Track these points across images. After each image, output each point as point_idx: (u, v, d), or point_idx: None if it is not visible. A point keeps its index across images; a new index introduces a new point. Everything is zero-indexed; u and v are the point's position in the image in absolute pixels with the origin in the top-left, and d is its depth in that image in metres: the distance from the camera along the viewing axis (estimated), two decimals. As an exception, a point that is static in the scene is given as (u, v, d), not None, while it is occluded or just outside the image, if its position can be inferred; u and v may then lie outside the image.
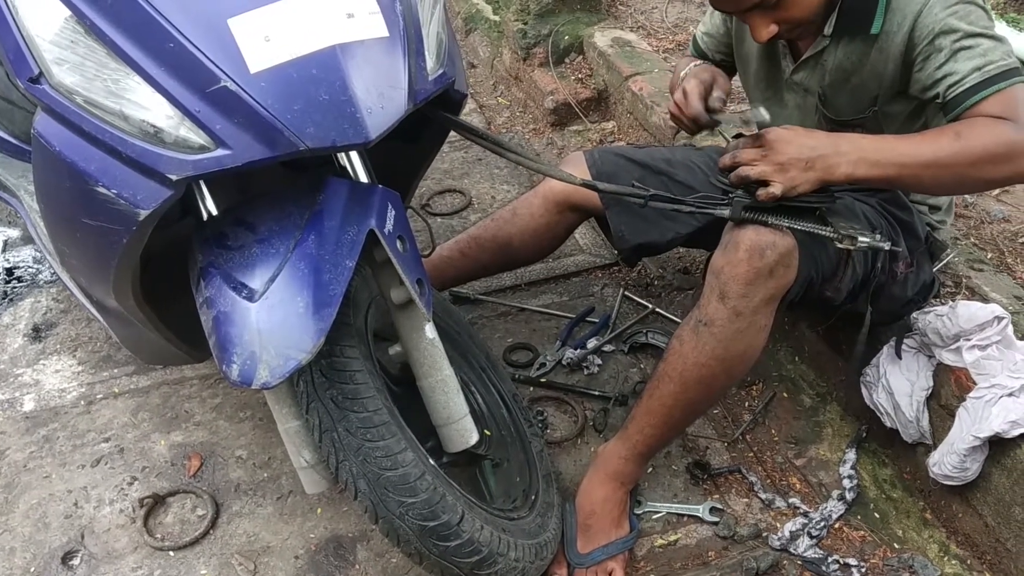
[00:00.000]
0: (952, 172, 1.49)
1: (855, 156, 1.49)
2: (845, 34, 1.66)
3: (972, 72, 1.49)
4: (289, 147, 1.24)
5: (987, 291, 1.94)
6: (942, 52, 1.52)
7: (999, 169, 1.48)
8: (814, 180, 1.50)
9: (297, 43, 1.26)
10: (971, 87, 1.49)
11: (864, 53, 1.65)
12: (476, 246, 2.24)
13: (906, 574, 1.74)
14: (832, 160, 1.49)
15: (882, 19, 1.59)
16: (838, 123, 1.76)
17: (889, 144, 1.52)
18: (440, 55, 1.51)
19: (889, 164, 1.49)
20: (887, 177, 1.51)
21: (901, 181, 1.55)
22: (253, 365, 1.26)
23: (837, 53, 1.69)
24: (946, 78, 1.52)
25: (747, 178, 1.52)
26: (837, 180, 1.51)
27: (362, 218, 1.36)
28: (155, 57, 1.24)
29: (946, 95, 1.53)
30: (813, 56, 1.73)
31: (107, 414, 2.16)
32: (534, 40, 3.67)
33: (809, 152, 1.49)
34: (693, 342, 1.65)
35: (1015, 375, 1.65)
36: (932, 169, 1.49)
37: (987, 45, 1.50)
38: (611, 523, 1.78)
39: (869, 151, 1.50)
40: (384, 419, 1.40)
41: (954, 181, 1.54)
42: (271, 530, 1.87)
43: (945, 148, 1.47)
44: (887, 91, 1.67)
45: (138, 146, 1.25)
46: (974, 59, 1.50)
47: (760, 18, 1.59)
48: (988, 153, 1.46)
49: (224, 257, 1.37)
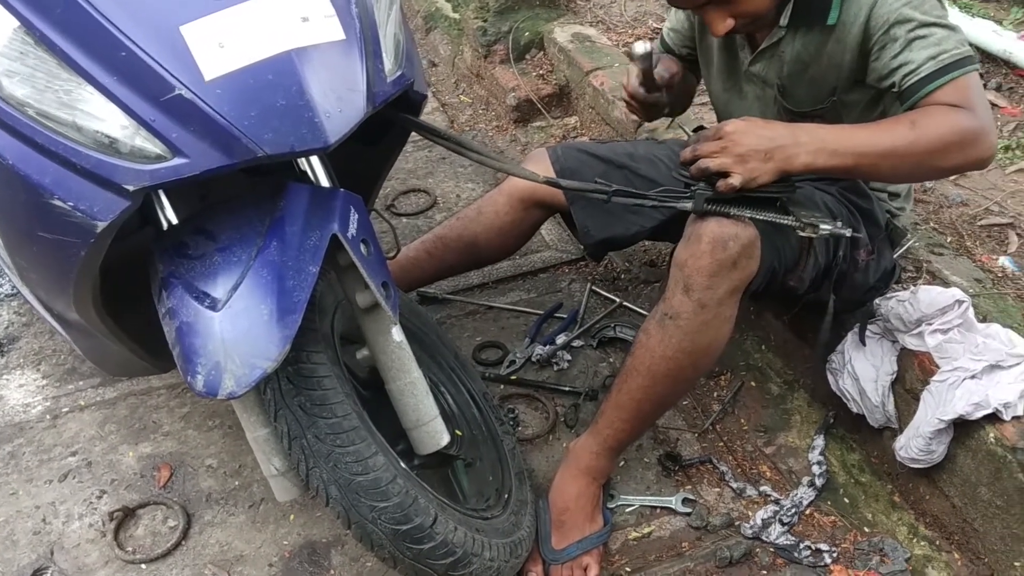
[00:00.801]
0: (909, 160, 1.51)
1: (814, 146, 1.51)
2: (801, 25, 1.67)
3: (927, 61, 1.51)
4: (247, 154, 1.23)
5: (947, 275, 1.97)
6: (897, 42, 1.54)
7: (954, 157, 1.50)
8: (773, 170, 1.51)
9: (252, 49, 1.25)
10: (926, 76, 1.52)
11: (821, 44, 1.67)
12: (442, 246, 2.24)
13: (876, 557, 1.76)
14: (791, 150, 1.51)
15: (838, 10, 1.61)
16: (798, 114, 1.77)
17: (847, 134, 1.54)
18: (398, 56, 1.51)
19: (847, 153, 1.51)
20: (845, 166, 1.53)
21: (859, 170, 1.57)
22: (218, 375, 1.25)
23: (795, 44, 1.70)
24: (901, 67, 1.54)
25: (707, 170, 1.53)
26: (796, 170, 1.52)
27: (324, 223, 1.36)
28: (107, 67, 1.22)
29: (902, 84, 1.55)
30: (770, 47, 1.74)
31: (73, 427, 2.13)
32: (494, 37, 3.67)
33: (768, 143, 1.51)
34: (660, 335, 1.66)
35: (977, 357, 1.68)
36: (889, 158, 1.51)
37: (941, 34, 1.52)
38: (585, 518, 1.79)
39: (828, 141, 1.51)
40: (353, 424, 1.40)
41: (911, 169, 1.56)
42: (244, 538, 1.85)
43: (902, 137, 1.49)
44: (845, 81, 1.69)
45: (93, 157, 1.23)
46: (928, 48, 1.52)
47: (716, 12, 1.60)
48: (943, 141, 1.48)
49: (185, 266, 1.35)
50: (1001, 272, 2.02)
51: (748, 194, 1.56)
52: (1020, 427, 1.62)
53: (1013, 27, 3.03)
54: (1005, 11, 3.23)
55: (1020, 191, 2.37)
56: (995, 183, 2.41)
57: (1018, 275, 2.02)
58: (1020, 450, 1.59)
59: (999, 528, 1.67)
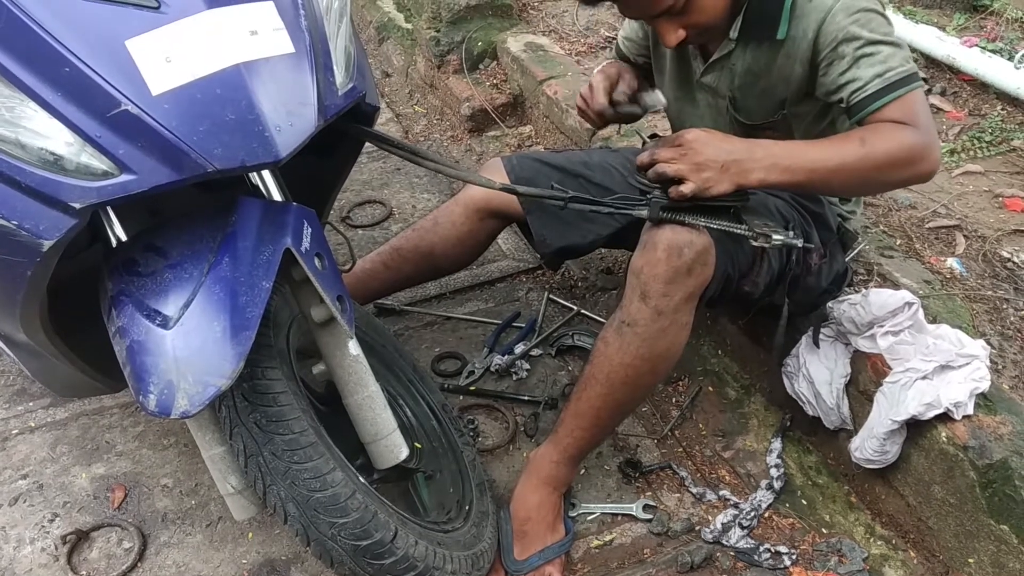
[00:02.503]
0: (858, 176, 1.55)
1: (768, 162, 1.53)
2: (751, 39, 1.69)
3: (874, 79, 1.55)
4: (196, 169, 1.22)
5: (898, 277, 2.00)
6: (845, 59, 1.57)
7: (901, 172, 1.56)
8: (728, 183, 1.52)
9: (200, 63, 1.23)
10: (873, 93, 1.55)
11: (771, 58, 1.69)
12: (398, 257, 2.23)
13: (835, 558, 1.78)
14: (747, 165, 1.53)
15: (787, 25, 1.63)
16: (749, 126, 1.79)
17: (800, 150, 1.56)
18: (349, 69, 1.50)
19: (800, 170, 1.54)
20: (797, 182, 1.56)
21: (811, 185, 1.59)
22: (171, 394, 1.23)
23: (745, 57, 1.72)
24: (849, 84, 1.57)
25: (664, 174, 1.54)
26: (750, 184, 1.54)
27: (277, 237, 1.34)
28: (51, 83, 1.20)
29: (850, 100, 1.58)
30: (721, 59, 1.76)
31: (24, 450, 2.08)
32: (447, 47, 3.67)
33: (725, 156, 1.52)
34: (617, 343, 1.67)
35: (928, 358, 1.71)
36: (840, 174, 1.54)
37: (887, 52, 1.55)
38: (546, 528, 1.79)
39: (781, 157, 1.54)
40: (310, 440, 1.38)
41: (860, 184, 1.63)
42: (202, 558, 1.82)
43: (851, 154, 1.53)
44: (795, 94, 1.71)
45: (38, 175, 1.20)
46: (875, 66, 1.55)
47: (668, 24, 1.62)
48: (892, 158, 1.53)
49: (136, 284, 1.33)
50: (949, 273, 2.06)
51: (703, 202, 1.57)
52: (971, 426, 1.65)
53: (956, 33, 3.10)
54: (948, 17, 3.31)
55: (966, 194, 2.42)
56: (942, 186, 2.45)
57: (966, 276, 2.06)
58: (971, 448, 1.62)
59: (952, 526, 1.70)
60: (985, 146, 2.63)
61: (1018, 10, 3.22)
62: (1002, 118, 2.74)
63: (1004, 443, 1.61)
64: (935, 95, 2.90)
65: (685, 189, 1.52)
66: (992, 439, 1.62)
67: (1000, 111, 2.78)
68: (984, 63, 2.84)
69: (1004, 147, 2.64)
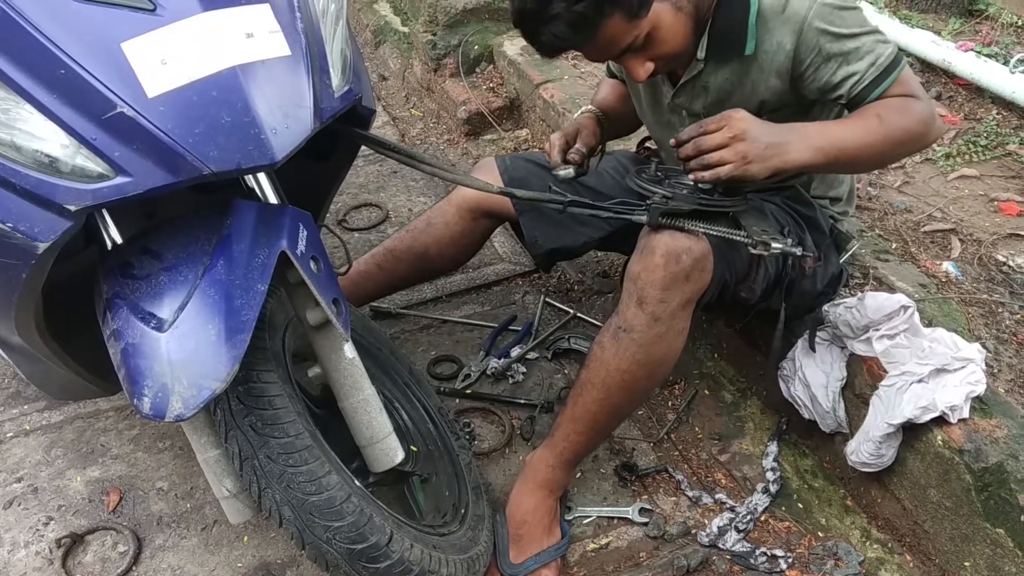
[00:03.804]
0: (879, 150, 1.61)
1: (804, 143, 1.54)
2: (720, 57, 1.69)
3: (869, 68, 1.59)
4: (192, 172, 1.21)
5: (893, 280, 2.00)
6: (834, 59, 1.60)
7: (916, 142, 1.65)
8: (768, 168, 1.52)
9: (195, 65, 1.23)
10: (871, 82, 1.59)
11: (743, 73, 1.69)
12: (393, 259, 2.23)
13: (831, 561, 1.78)
14: (787, 148, 1.53)
15: (754, 40, 1.63)
16: None
17: (830, 130, 1.59)
18: (345, 71, 1.50)
19: (831, 148, 1.56)
20: (829, 162, 1.58)
21: (839, 164, 1.62)
22: (165, 397, 1.23)
23: (716, 76, 1.72)
24: (847, 80, 1.60)
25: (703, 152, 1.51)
26: (790, 168, 1.54)
27: (273, 240, 1.34)
28: (47, 85, 1.19)
29: (851, 93, 1.61)
30: (691, 80, 1.75)
31: (18, 453, 2.08)
32: (444, 51, 3.67)
33: (768, 139, 1.52)
34: (614, 348, 1.67)
35: (923, 362, 1.71)
36: (865, 150, 1.58)
37: (869, 41, 1.59)
38: (542, 531, 1.78)
39: (814, 137, 1.56)
40: (306, 443, 1.38)
41: (880, 157, 1.69)
42: (197, 562, 1.82)
43: (874, 130, 1.57)
44: (771, 105, 1.71)
45: (33, 177, 1.20)
46: (865, 57, 1.59)
47: (634, 59, 1.62)
48: (908, 130, 1.60)
49: (130, 287, 1.33)
50: (945, 277, 2.06)
51: (702, 208, 1.57)
52: (966, 429, 1.65)
53: (951, 37, 3.11)
54: (943, 22, 3.32)
55: (962, 197, 2.43)
56: (937, 190, 2.46)
57: (961, 280, 2.06)
58: (967, 452, 1.62)
59: (948, 529, 1.70)
60: (980, 150, 2.64)
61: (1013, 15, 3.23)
62: (997, 122, 2.75)
63: (1000, 446, 1.61)
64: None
65: (722, 172, 1.50)
66: (988, 442, 1.62)
67: (995, 115, 2.79)
68: (979, 67, 2.84)
69: (999, 151, 2.64)
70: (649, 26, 1.56)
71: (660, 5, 1.55)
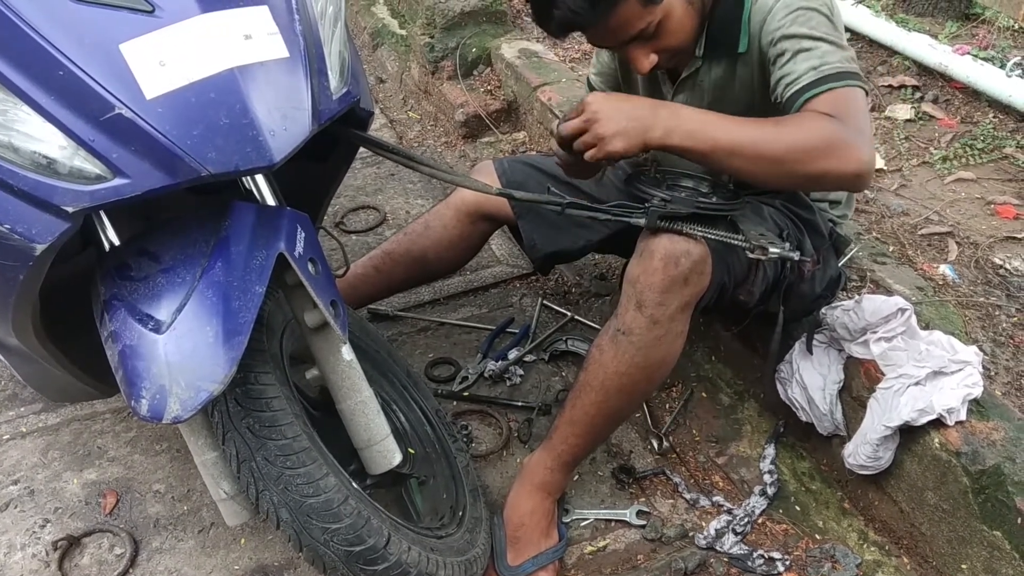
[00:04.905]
0: (768, 158, 1.49)
1: (671, 123, 1.50)
2: (716, 55, 1.70)
3: (808, 72, 1.52)
4: (190, 173, 1.21)
5: (891, 283, 2.01)
6: (784, 56, 1.56)
7: (817, 163, 1.47)
8: (625, 142, 1.50)
9: (194, 67, 1.23)
10: (805, 85, 1.52)
11: (734, 70, 1.70)
12: (390, 261, 2.23)
13: (828, 564, 1.78)
14: (648, 123, 1.50)
15: (747, 37, 1.64)
16: None
17: (710, 120, 1.52)
18: (343, 73, 1.50)
19: (704, 139, 1.50)
20: (700, 151, 1.51)
21: (715, 159, 1.53)
22: (163, 399, 1.23)
23: (711, 73, 1.73)
24: (784, 78, 1.55)
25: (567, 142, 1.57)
26: (651, 144, 1.51)
27: (270, 242, 1.34)
28: (44, 86, 1.19)
29: (783, 94, 1.56)
30: (689, 77, 1.76)
31: (15, 455, 2.07)
32: (442, 53, 3.67)
33: (626, 118, 1.50)
34: (612, 351, 1.67)
35: (921, 364, 1.71)
36: (747, 151, 1.49)
37: (826, 49, 1.53)
38: (540, 534, 1.78)
39: (687, 122, 1.51)
40: (303, 445, 1.38)
41: (770, 168, 1.51)
42: (194, 564, 1.81)
43: (764, 134, 1.49)
44: (760, 101, 1.71)
45: (31, 178, 1.20)
46: (811, 60, 1.52)
47: (639, 49, 1.62)
48: (805, 145, 1.46)
49: (128, 289, 1.33)
50: (942, 280, 2.07)
51: (700, 211, 1.57)
52: (963, 432, 1.65)
53: (948, 41, 3.11)
54: (940, 25, 3.32)
55: (958, 200, 2.43)
56: (934, 193, 2.46)
57: (958, 283, 2.07)
58: (964, 454, 1.62)
59: (945, 531, 1.70)
60: (977, 153, 2.64)
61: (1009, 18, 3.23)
62: (994, 125, 2.75)
63: (997, 449, 1.62)
64: (927, 102, 2.92)
65: (588, 156, 1.53)
66: (985, 445, 1.62)
67: (992, 119, 2.80)
68: (976, 71, 2.85)
69: (996, 154, 2.65)
70: (662, 14, 1.56)
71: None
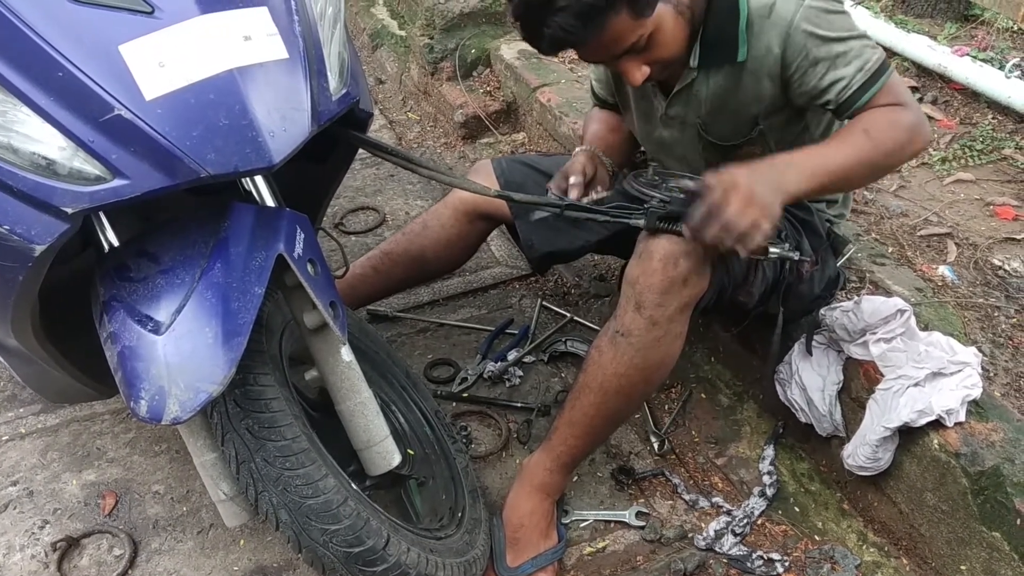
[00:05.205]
0: (871, 166, 1.58)
1: (797, 173, 1.50)
2: (712, 65, 1.69)
3: (856, 74, 1.57)
4: (189, 175, 1.21)
5: (890, 284, 2.01)
6: (821, 63, 1.58)
7: (905, 151, 1.60)
8: (769, 215, 1.44)
9: (193, 68, 1.23)
10: (860, 87, 1.58)
11: (736, 80, 1.69)
12: (389, 261, 2.23)
13: (827, 565, 1.78)
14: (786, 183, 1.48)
15: (746, 46, 1.63)
16: (727, 147, 1.79)
17: (817, 154, 1.56)
18: (343, 74, 1.50)
19: (823, 172, 1.53)
20: (822, 185, 1.55)
21: (833, 186, 1.61)
22: (162, 400, 1.23)
23: (708, 84, 1.72)
24: (835, 84, 1.59)
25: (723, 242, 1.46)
26: (792, 200, 1.51)
27: (270, 243, 1.34)
28: (44, 87, 1.19)
29: (839, 99, 1.60)
30: (683, 89, 1.75)
31: (14, 456, 2.07)
32: (441, 54, 3.67)
33: (766, 182, 1.46)
34: (612, 353, 1.67)
35: (920, 365, 1.71)
36: (857, 168, 1.56)
37: (857, 45, 1.58)
38: (539, 535, 1.78)
39: (804, 165, 1.52)
40: (303, 446, 1.38)
41: (873, 172, 1.65)
42: (193, 565, 1.81)
43: (862, 147, 1.55)
44: (768, 108, 1.71)
45: (30, 179, 1.20)
46: (853, 62, 1.58)
47: (631, 62, 1.61)
48: (897, 141, 1.57)
49: (127, 290, 1.33)
50: (941, 281, 2.07)
51: None
52: (963, 433, 1.65)
53: (947, 42, 3.11)
54: (939, 26, 3.32)
55: (957, 201, 2.43)
56: (933, 194, 2.46)
57: (957, 284, 2.07)
58: (963, 455, 1.62)
59: (945, 532, 1.70)
60: (976, 154, 2.64)
61: (1008, 20, 3.23)
62: (993, 127, 2.75)
63: (996, 450, 1.62)
64: (927, 103, 2.92)
65: (759, 239, 1.43)
66: (984, 446, 1.62)
67: (991, 120, 2.80)
68: (975, 72, 2.85)
69: (995, 155, 2.65)
70: (653, 26, 1.56)
71: (663, 7, 1.56)
